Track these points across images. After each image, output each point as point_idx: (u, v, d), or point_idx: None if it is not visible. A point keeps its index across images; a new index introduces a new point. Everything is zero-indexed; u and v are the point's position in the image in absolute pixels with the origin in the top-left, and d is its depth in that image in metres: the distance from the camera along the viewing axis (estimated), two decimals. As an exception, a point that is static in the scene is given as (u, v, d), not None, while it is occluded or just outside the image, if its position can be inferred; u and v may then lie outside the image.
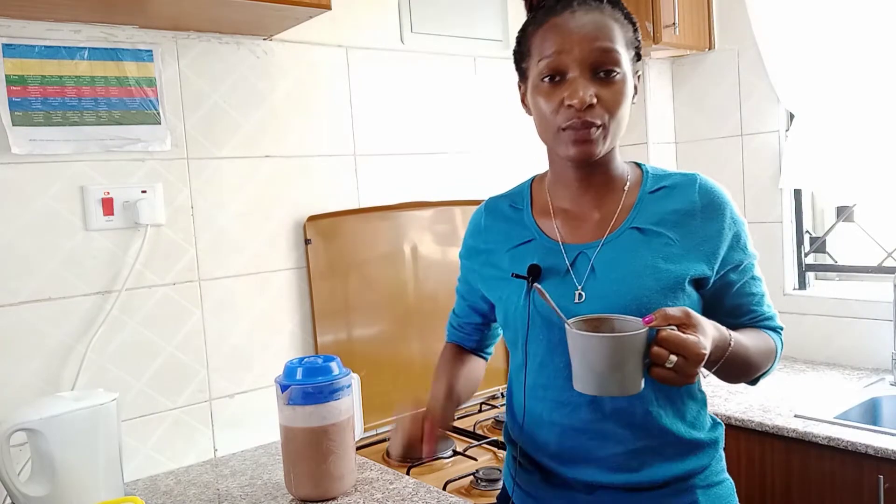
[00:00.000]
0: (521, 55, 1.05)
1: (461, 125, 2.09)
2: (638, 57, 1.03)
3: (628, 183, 1.07)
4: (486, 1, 2.12)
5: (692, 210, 1.02)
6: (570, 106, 0.95)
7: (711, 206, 1.03)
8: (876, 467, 1.57)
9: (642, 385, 0.87)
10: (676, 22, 2.25)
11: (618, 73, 0.97)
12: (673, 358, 0.84)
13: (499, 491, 1.46)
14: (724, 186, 1.07)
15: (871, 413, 1.89)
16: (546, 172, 1.14)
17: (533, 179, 1.17)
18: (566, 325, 0.89)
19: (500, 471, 1.51)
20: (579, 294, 1.01)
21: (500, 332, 1.22)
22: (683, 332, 0.86)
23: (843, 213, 2.31)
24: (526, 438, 1.09)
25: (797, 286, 2.36)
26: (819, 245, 2.36)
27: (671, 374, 0.85)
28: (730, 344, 0.95)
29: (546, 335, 1.02)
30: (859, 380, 2.04)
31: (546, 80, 0.98)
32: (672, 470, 1.03)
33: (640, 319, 0.88)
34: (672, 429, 1.03)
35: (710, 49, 2.44)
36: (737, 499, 1.12)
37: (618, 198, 1.06)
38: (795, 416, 1.75)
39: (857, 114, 2.09)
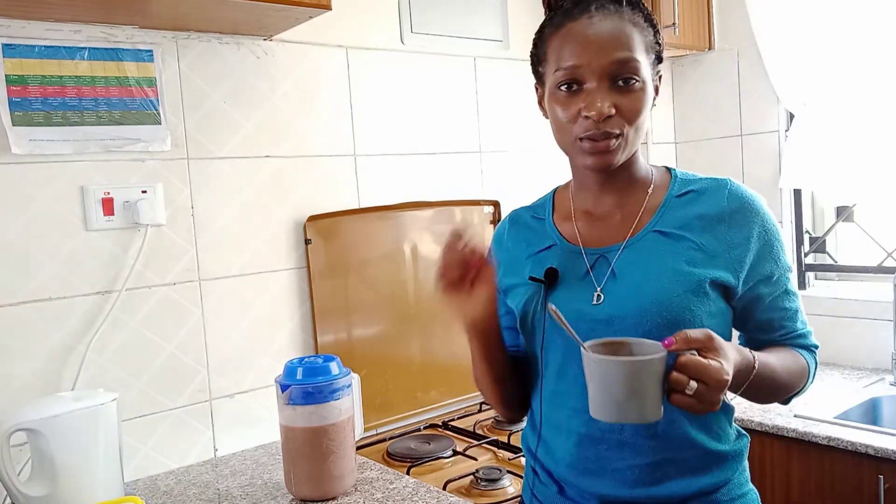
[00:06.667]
0: (538, 59, 1.03)
1: (461, 125, 2.09)
2: (659, 60, 1.01)
3: (653, 185, 1.04)
4: (486, 1, 2.12)
5: (720, 215, 0.98)
6: (587, 117, 0.94)
7: (741, 211, 0.99)
8: (876, 467, 1.57)
9: (662, 412, 0.83)
10: (676, 22, 2.25)
11: (637, 81, 0.95)
12: (693, 384, 0.80)
13: (499, 490, 1.47)
14: (759, 194, 1.02)
15: (870, 413, 1.90)
16: (569, 182, 1.12)
17: (556, 190, 1.15)
18: (582, 349, 0.85)
19: (500, 470, 1.51)
20: (598, 296, 0.98)
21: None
22: (705, 357, 0.82)
23: (842, 213, 2.31)
24: (543, 447, 1.07)
25: (797, 286, 2.36)
26: (819, 245, 2.37)
27: (692, 402, 0.81)
28: (754, 367, 0.92)
29: (563, 341, 0.99)
30: (859, 380, 2.04)
31: (563, 88, 0.97)
32: (694, 484, 0.98)
33: (660, 343, 0.83)
34: (696, 439, 0.98)
35: (710, 49, 2.44)
36: None
37: (641, 199, 1.03)
38: (795, 415, 1.76)
39: (856, 114, 2.09)
